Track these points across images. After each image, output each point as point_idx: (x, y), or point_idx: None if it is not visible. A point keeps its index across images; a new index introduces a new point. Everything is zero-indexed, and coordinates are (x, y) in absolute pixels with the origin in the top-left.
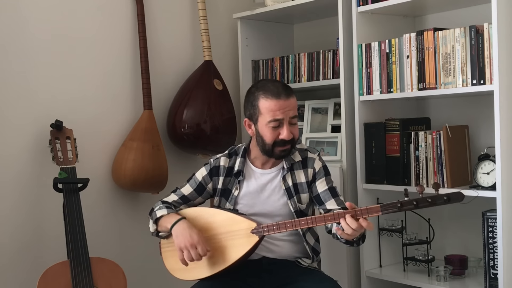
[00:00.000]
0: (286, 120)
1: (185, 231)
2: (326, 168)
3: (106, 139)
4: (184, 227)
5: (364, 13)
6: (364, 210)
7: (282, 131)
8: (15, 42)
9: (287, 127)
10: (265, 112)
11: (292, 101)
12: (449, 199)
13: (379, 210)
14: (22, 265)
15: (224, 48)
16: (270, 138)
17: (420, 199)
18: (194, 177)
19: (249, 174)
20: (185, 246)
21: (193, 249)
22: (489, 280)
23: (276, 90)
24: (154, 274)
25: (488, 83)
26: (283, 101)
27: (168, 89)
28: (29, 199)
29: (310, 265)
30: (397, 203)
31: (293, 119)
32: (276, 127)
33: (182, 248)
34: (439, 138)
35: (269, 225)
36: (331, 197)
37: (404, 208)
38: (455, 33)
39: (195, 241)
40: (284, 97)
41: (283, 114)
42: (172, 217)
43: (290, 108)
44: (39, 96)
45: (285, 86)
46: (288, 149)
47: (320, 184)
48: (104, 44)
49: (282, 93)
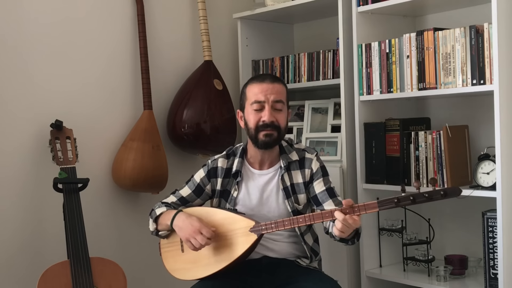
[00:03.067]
0: (268, 103)
1: (185, 222)
2: (324, 169)
3: (106, 139)
4: (182, 219)
5: (364, 13)
6: (361, 206)
7: (263, 113)
8: (15, 42)
9: (269, 110)
10: (249, 95)
11: (277, 86)
12: (445, 194)
13: (376, 206)
14: (22, 265)
15: (224, 48)
16: (253, 121)
17: (417, 195)
18: (192, 179)
19: (247, 175)
20: (190, 235)
21: (198, 235)
22: (489, 280)
23: (262, 76)
24: (154, 274)
25: (488, 83)
26: (266, 85)
27: (168, 89)
28: (29, 199)
29: (310, 265)
30: (394, 198)
31: (277, 103)
32: (258, 110)
33: (188, 238)
34: (439, 138)
35: (267, 223)
36: (329, 197)
37: (401, 204)
38: (455, 33)
39: (197, 228)
40: (268, 82)
41: (265, 97)
42: (170, 213)
43: (273, 92)
44: (39, 96)
45: (273, 75)
46: (273, 134)
47: (317, 184)
48: (104, 44)
49: (267, 78)
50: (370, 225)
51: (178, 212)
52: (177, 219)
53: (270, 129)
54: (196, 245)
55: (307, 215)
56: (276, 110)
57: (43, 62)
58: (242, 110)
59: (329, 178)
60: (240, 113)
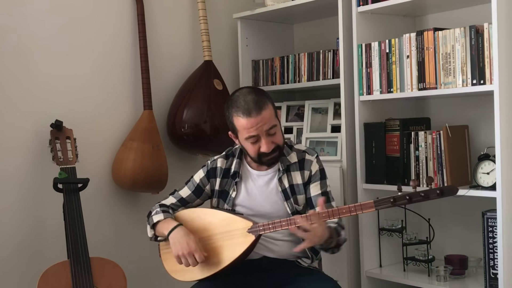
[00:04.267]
0: (262, 135)
1: (182, 239)
2: (323, 172)
3: (106, 139)
4: (181, 235)
5: (364, 13)
6: (358, 206)
7: (261, 145)
8: (16, 43)
9: (266, 141)
10: (240, 129)
11: (265, 114)
12: (442, 193)
13: (373, 206)
14: (22, 265)
15: (224, 48)
16: (253, 152)
17: (413, 194)
18: (192, 180)
19: (246, 175)
20: (182, 254)
21: (190, 257)
22: (489, 280)
23: (246, 107)
24: (154, 274)
25: (488, 83)
26: (254, 118)
27: (168, 89)
28: (29, 199)
29: (310, 265)
30: (390, 198)
31: (271, 129)
32: (254, 142)
33: (180, 256)
34: (439, 138)
35: (264, 223)
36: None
37: (397, 203)
38: (455, 33)
39: (192, 249)
40: (255, 114)
41: (257, 131)
42: (168, 223)
43: (264, 122)
44: (39, 96)
45: (256, 100)
46: (276, 156)
47: (314, 187)
48: (104, 44)
49: (252, 109)
50: (370, 225)
51: (178, 226)
52: (175, 233)
53: (271, 153)
54: (185, 264)
55: (304, 215)
56: (271, 135)
57: (43, 62)
58: (235, 135)
59: (327, 181)
60: (232, 135)
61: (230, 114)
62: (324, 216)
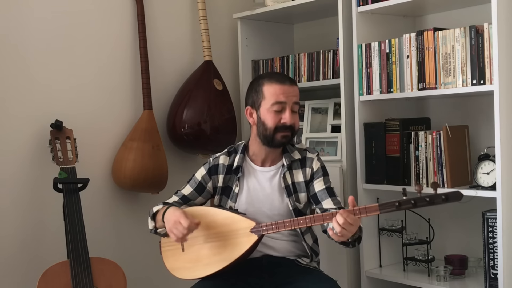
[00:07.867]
0: (289, 105)
1: (169, 213)
2: (324, 169)
3: (106, 139)
4: (171, 212)
5: (364, 13)
6: (362, 209)
7: (284, 115)
8: (16, 42)
9: (289, 112)
10: (268, 95)
11: (296, 89)
12: (447, 199)
13: (378, 209)
14: (22, 265)
15: (224, 48)
16: (272, 122)
17: (418, 198)
18: (193, 177)
19: (249, 171)
20: (172, 225)
21: (177, 225)
22: (489, 280)
23: (281, 77)
24: (154, 274)
25: (488, 83)
26: (287, 87)
27: (168, 89)
28: (29, 199)
29: (309, 264)
30: (395, 202)
31: (295, 105)
32: (278, 111)
33: (171, 229)
34: (439, 138)
35: (267, 224)
36: (328, 196)
37: (402, 208)
38: (455, 33)
39: (177, 217)
40: (289, 84)
41: (286, 98)
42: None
43: (294, 95)
44: (39, 96)
45: (288, 76)
46: (289, 135)
47: (317, 183)
48: (104, 44)
49: (286, 79)
50: (370, 225)
51: (170, 206)
52: (167, 212)
53: (288, 131)
54: (177, 235)
55: (308, 217)
56: (293, 112)
57: (43, 62)
58: (255, 107)
59: (329, 178)
60: (251, 109)
61: (260, 83)
62: (357, 213)
